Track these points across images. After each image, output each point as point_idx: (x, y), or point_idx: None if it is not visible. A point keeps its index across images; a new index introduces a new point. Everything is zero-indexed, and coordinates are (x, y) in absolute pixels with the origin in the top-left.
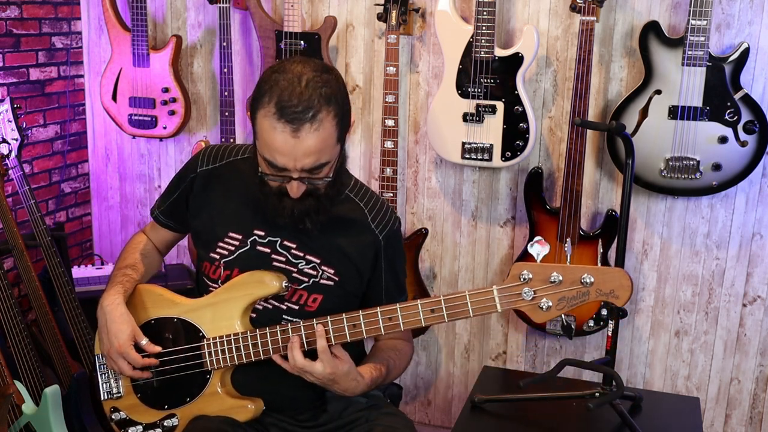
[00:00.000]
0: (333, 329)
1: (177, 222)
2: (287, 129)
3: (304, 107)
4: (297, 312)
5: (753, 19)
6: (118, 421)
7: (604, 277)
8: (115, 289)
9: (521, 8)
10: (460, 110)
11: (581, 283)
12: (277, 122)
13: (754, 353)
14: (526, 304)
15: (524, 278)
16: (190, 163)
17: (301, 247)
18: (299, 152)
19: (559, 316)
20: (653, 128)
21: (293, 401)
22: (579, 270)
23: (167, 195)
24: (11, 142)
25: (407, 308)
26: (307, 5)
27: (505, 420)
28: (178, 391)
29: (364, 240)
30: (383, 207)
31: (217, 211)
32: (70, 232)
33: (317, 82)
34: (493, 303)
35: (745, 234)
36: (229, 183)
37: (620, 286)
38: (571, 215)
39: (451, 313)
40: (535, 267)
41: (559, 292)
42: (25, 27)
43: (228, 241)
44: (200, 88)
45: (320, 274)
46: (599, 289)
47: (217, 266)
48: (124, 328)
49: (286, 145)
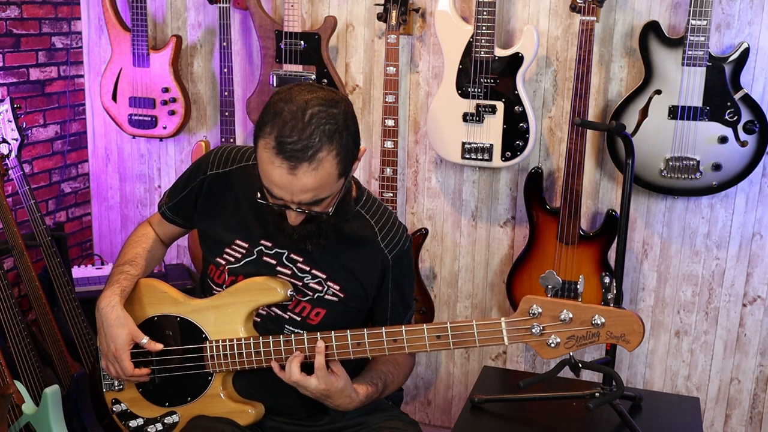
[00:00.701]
0: (336, 345)
1: (184, 219)
2: (284, 165)
3: (304, 146)
4: (299, 323)
5: (753, 19)
6: (119, 413)
7: (615, 320)
8: (112, 289)
9: (521, 8)
10: (460, 110)
11: (591, 324)
12: (275, 157)
13: (754, 353)
14: (534, 339)
15: (533, 313)
16: (200, 163)
17: (308, 261)
18: (296, 188)
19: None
20: (653, 128)
21: (296, 405)
22: (590, 310)
23: (175, 192)
24: (11, 142)
25: (413, 332)
26: (307, 5)
27: (505, 420)
28: (180, 390)
29: (372, 259)
30: (394, 225)
31: (227, 217)
32: (70, 232)
33: (321, 118)
34: (501, 336)
35: (745, 234)
36: (239, 189)
37: (632, 331)
38: (571, 215)
39: (457, 341)
40: (546, 302)
41: (569, 330)
42: (25, 27)
43: (234, 248)
44: (200, 88)
45: (325, 289)
46: (610, 332)
47: (222, 271)
48: (120, 332)
49: (282, 180)
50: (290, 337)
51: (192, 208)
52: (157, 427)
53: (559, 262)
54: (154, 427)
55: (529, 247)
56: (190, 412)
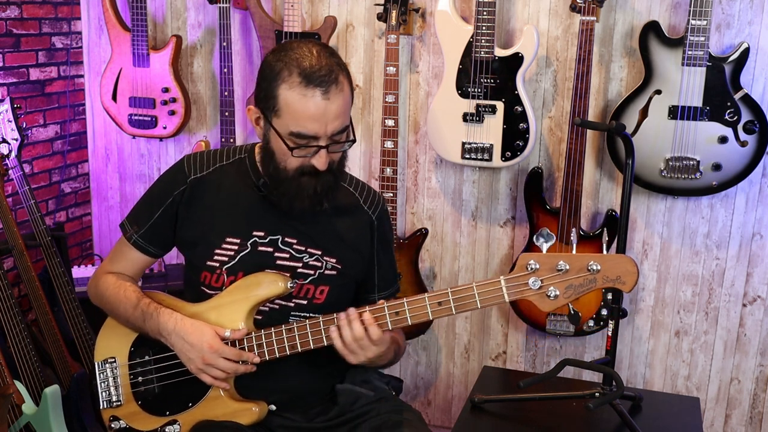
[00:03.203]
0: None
1: (158, 247)
2: (317, 92)
3: (328, 70)
4: (306, 306)
5: (753, 19)
6: (117, 430)
7: (610, 264)
8: (158, 312)
9: (521, 8)
10: (460, 110)
11: (588, 270)
12: (306, 89)
13: (754, 353)
14: (533, 293)
15: (531, 268)
16: (171, 177)
17: (303, 241)
18: (330, 115)
19: (566, 304)
20: (653, 128)
21: (304, 397)
22: (585, 258)
23: (146, 215)
24: (11, 142)
25: (414, 302)
26: (307, 5)
27: (505, 420)
28: (180, 397)
29: (360, 222)
30: (371, 189)
31: (211, 218)
32: (70, 232)
33: (326, 51)
34: (501, 293)
35: (745, 234)
36: (221, 188)
37: (626, 272)
38: (571, 215)
39: (459, 305)
40: (541, 257)
41: (567, 280)
42: (25, 27)
43: (226, 246)
44: (200, 88)
45: (324, 264)
46: (606, 276)
47: (219, 274)
48: (203, 330)
49: (318, 110)
50: (292, 325)
51: (169, 227)
52: None
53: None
54: None
55: (529, 247)
56: (192, 418)
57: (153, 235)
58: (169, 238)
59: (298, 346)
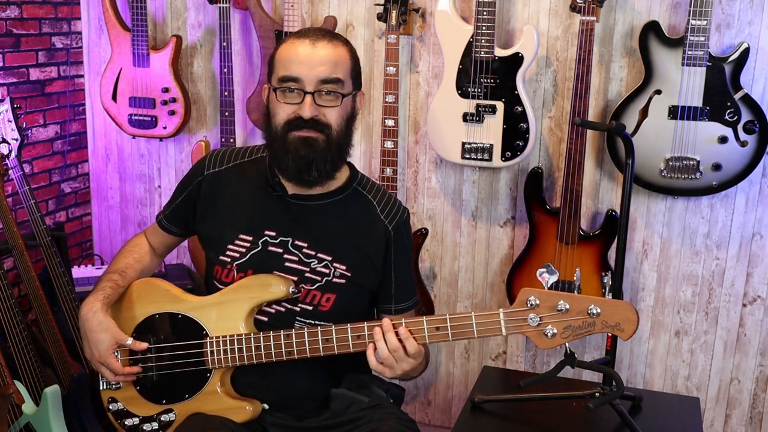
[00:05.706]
0: (336, 339)
1: (180, 227)
2: (306, 41)
3: (324, 32)
4: (311, 313)
5: (753, 19)
6: (115, 411)
7: (611, 309)
8: (95, 296)
9: (521, 8)
10: (460, 110)
11: (588, 313)
12: (296, 39)
13: (754, 353)
14: (531, 329)
15: (531, 304)
16: (196, 167)
17: (313, 245)
18: (315, 60)
19: (564, 344)
20: (653, 128)
21: (298, 399)
22: (586, 300)
23: (171, 200)
24: (11, 142)
25: (413, 324)
26: (307, 5)
27: (505, 420)
28: (177, 387)
29: (374, 231)
30: (391, 198)
31: (226, 214)
32: (70, 232)
33: (331, 32)
34: (499, 326)
35: (745, 234)
36: (238, 185)
37: (626, 320)
38: (571, 215)
39: (456, 332)
40: (542, 294)
41: (566, 320)
42: (25, 27)
43: (238, 243)
44: (200, 88)
45: (332, 272)
46: (605, 321)
47: (230, 269)
48: (102, 337)
49: (304, 52)
50: (290, 332)
51: (190, 213)
52: (153, 425)
53: (559, 262)
54: (150, 426)
55: (529, 247)
56: (187, 409)
57: (174, 218)
58: (190, 221)
59: (295, 353)
